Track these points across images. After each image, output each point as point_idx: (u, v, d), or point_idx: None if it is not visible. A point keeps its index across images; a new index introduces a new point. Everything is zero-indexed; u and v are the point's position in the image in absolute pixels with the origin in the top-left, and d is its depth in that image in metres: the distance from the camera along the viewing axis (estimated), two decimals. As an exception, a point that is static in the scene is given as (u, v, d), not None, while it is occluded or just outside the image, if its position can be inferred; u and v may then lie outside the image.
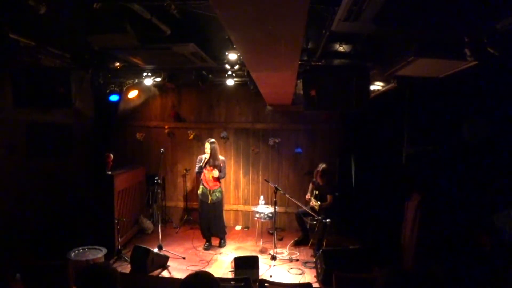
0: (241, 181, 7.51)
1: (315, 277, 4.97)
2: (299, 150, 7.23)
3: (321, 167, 6.06)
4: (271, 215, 5.96)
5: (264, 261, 5.40)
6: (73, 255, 4.74)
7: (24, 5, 2.85)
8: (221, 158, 6.06)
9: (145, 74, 5.91)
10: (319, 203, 5.90)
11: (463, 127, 4.38)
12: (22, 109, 4.87)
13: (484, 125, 4.14)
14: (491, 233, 3.82)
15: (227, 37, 3.63)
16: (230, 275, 4.88)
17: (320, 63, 4.48)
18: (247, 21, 2.42)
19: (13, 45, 3.84)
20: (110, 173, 5.79)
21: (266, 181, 6.48)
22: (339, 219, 6.27)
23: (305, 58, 4.42)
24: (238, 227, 7.41)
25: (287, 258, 5.68)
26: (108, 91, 6.35)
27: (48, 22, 3.49)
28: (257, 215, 6.13)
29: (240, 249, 6.16)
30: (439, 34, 2.97)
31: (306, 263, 5.47)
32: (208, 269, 5.07)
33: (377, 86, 5.15)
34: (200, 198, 6.05)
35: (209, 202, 5.93)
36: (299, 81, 4.71)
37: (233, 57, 4.64)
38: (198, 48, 4.18)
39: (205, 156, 5.90)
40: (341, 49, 4.26)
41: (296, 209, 6.50)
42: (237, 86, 6.55)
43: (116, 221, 5.43)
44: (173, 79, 6.17)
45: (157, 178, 6.02)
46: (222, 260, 5.63)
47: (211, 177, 5.90)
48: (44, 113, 5.52)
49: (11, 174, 4.95)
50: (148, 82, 6.09)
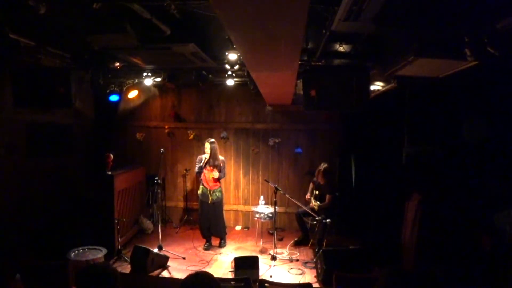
0: (241, 181, 7.51)
1: (315, 277, 4.97)
2: (299, 150, 7.23)
3: (322, 166, 6.06)
4: (271, 215, 5.96)
5: (264, 261, 5.40)
6: (73, 255, 4.74)
7: (24, 5, 2.85)
8: (221, 158, 6.05)
9: (145, 74, 5.91)
10: (318, 203, 5.90)
11: (463, 127, 4.37)
12: (22, 109, 4.88)
13: (484, 125, 4.14)
14: (491, 233, 3.82)
15: (227, 37, 3.62)
16: (230, 275, 4.88)
17: (320, 63, 4.48)
18: (247, 21, 2.42)
19: (13, 45, 3.85)
20: (110, 173, 5.79)
21: (266, 181, 6.48)
22: (339, 219, 6.27)
23: (305, 58, 4.42)
24: (238, 227, 7.41)
25: (287, 258, 5.68)
26: (108, 91, 6.35)
27: (48, 22, 3.49)
28: (257, 215, 6.12)
29: (240, 249, 6.16)
30: (439, 34, 2.97)
31: (306, 263, 5.47)
32: (208, 269, 5.07)
33: (377, 86, 5.15)
34: (200, 198, 6.04)
35: (209, 202, 5.92)
36: (299, 81, 4.71)
37: (233, 57, 4.64)
38: (198, 48, 4.18)
39: (205, 156, 5.90)
40: (341, 49, 4.26)
41: (296, 209, 6.50)
42: (237, 86, 6.55)
43: (116, 221, 5.43)
44: (173, 79, 6.16)
45: (157, 178, 6.01)
46: (222, 260, 5.63)
47: (211, 177, 5.90)
48: (44, 113, 5.53)
49: (11, 174, 4.95)
50: (148, 82, 6.10)
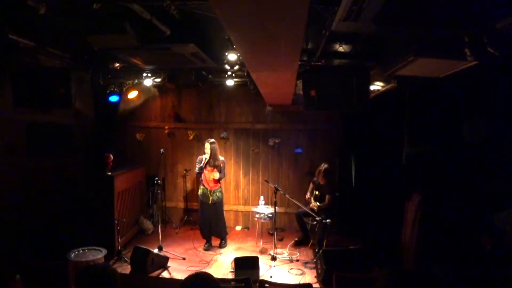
0: (241, 182, 7.51)
1: (316, 277, 4.96)
2: (299, 150, 7.23)
3: (323, 167, 6.04)
4: (271, 215, 5.96)
5: (264, 262, 5.40)
6: (73, 255, 4.73)
7: (23, 5, 2.85)
8: (221, 158, 6.05)
9: (145, 74, 5.91)
10: (318, 204, 5.89)
11: (463, 127, 4.38)
12: (22, 109, 4.87)
13: (484, 125, 4.14)
14: (491, 233, 3.82)
15: (227, 37, 3.62)
16: (230, 276, 4.88)
17: (320, 63, 4.47)
18: (247, 21, 2.42)
19: (13, 45, 3.85)
20: (110, 174, 5.79)
21: (266, 181, 6.48)
22: (339, 219, 6.27)
23: (305, 58, 4.41)
24: (238, 228, 7.41)
25: (287, 258, 5.68)
26: (108, 92, 6.34)
27: (48, 22, 3.48)
28: (257, 216, 6.12)
29: (240, 249, 6.16)
30: (439, 34, 2.96)
31: (306, 263, 5.47)
32: (208, 270, 5.08)
33: (377, 86, 5.15)
34: (200, 198, 6.04)
35: (209, 202, 5.92)
36: (299, 81, 4.71)
37: (233, 57, 4.64)
38: (198, 48, 4.18)
39: (205, 156, 5.90)
40: (341, 49, 4.26)
41: (296, 209, 6.49)
42: (237, 86, 6.54)
43: (116, 222, 5.42)
44: (173, 79, 6.16)
45: (157, 178, 6.01)
46: (222, 260, 5.63)
47: (212, 178, 5.90)
48: (44, 113, 5.51)
49: (11, 174, 4.94)
50: (148, 82, 6.09)
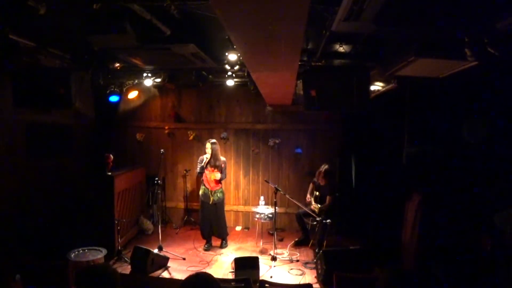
0: (241, 182, 7.51)
1: (316, 277, 4.96)
2: (299, 150, 7.22)
3: (323, 167, 6.02)
4: (271, 215, 5.96)
5: (264, 262, 5.40)
6: (73, 255, 4.73)
7: (24, 6, 2.84)
8: (222, 158, 6.05)
9: (145, 74, 5.91)
10: (319, 206, 5.88)
11: (463, 127, 4.38)
12: (22, 110, 4.87)
13: (484, 125, 4.14)
14: (491, 234, 3.82)
15: (227, 37, 3.62)
16: (230, 276, 4.87)
17: (320, 63, 4.47)
18: (247, 21, 2.42)
19: (13, 45, 3.84)
20: (110, 174, 5.79)
21: (266, 181, 6.47)
22: (340, 219, 6.27)
23: (305, 58, 4.41)
24: (238, 228, 7.41)
25: (287, 258, 5.68)
26: (108, 92, 6.34)
27: (48, 22, 3.48)
28: (257, 216, 6.12)
29: (240, 249, 6.15)
30: (440, 34, 2.96)
31: (306, 263, 5.47)
32: (208, 270, 5.08)
33: (377, 86, 5.15)
34: (201, 198, 6.04)
35: (210, 202, 5.92)
36: (299, 82, 4.71)
37: (233, 57, 4.63)
38: (198, 48, 4.18)
39: (206, 156, 5.90)
40: (341, 49, 4.26)
41: (296, 209, 6.49)
42: (237, 86, 6.54)
43: (116, 222, 5.42)
44: (173, 79, 6.16)
45: (157, 178, 6.01)
46: (222, 260, 5.63)
47: (213, 178, 5.90)
48: (44, 113, 5.52)
49: (11, 174, 4.94)
50: (148, 82, 6.09)
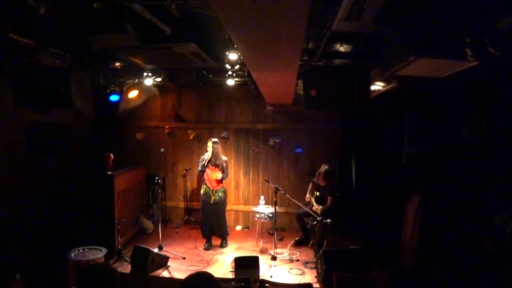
0: (242, 181, 7.50)
1: (316, 277, 4.96)
2: (299, 150, 7.22)
3: (323, 168, 5.99)
4: (271, 215, 5.95)
5: (264, 261, 5.39)
6: (73, 255, 4.73)
7: (24, 5, 2.84)
8: (224, 158, 6.06)
9: (145, 74, 5.91)
10: (320, 207, 5.85)
11: (463, 127, 4.38)
12: (22, 109, 4.87)
13: (484, 125, 4.14)
14: (491, 233, 3.82)
15: (227, 37, 3.62)
16: (230, 275, 4.87)
17: (320, 63, 4.47)
18: (248, 21, 2.41)
19: (13, 45, 3.84)
20: (110, 173, 5.79)
21: (266, 181, 6.47)
22: (340, 219, 6.26)
23: (306, 58, 4.42)
24: (238, 227, 7.41)
25: (287, 258, 5.67)
26: (108, 91, 6.35)
27: (48, 22, 3.48)
28: (258, 215, 6.12)
29: (240, 249, 6.15)
30: (440, 34, 2.96)
31: (306, 263, 5.46)
32: (208, 269, 5.08)
33: (377, 86, 5.14)
34: (202, 198, 6.04)
35: (211, 202, 5.93)
36: (299, 81, 4.71)
37: (233, 57, 4.63)
38: (198, 48, 4.18)
39: (207, 154, 5.91)
40: (342, 49, 4.26)
41: (296, 209, 6.49)
42: (238, 86, 6.54)
43: (116, 221, 5.42)
44: (173, 79, 6.16)
45: (157, 178, 6.01)
46: (222, 260, 5.63)
47: (214, 177, 5.91)
48: (44, 113, 5.52)
49: (11, 174, 4.94)
50: (148, 82, 6.09)
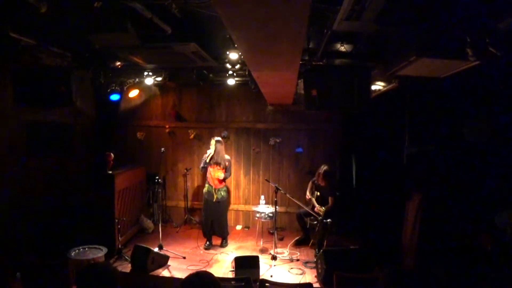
0: (242, 181, 7.50)
1: (316, 277, 4.96)
2: (299, 150, 7.21)
3: (322, 169, 5.98)
4: (271, 215, 5.96)
5: (264, 261, 5.40)
6: (73, 254, 4.74)
7: (24, 4, 2.84)
8: (227, 157, 6.08)
9: (146, 73, 5.91)
10: (323, 208, 5.81)
11: (464, 127, 4.37)
12: (22, 108, 4.88)
13: (485, 125, 4.14)
14: (492, 233, 3.82)
15: (228, 36, 3.62)
16: (230, 275, 4.88)
17: (321, 63, 4.47)
18: (249, 20, 2.41)
19: (14, 44, 3.85)
20: (110, 172, 5.79)
21: (266, 180, 6.47)
22: (340, 219, 6.26)
23: (306, 57, 4.41)
24: (238, 227, 7.41)
25: (287, 258, 5.68)
26: (109, 90, 6.34)
27: (49, 21, 3.48)
28: (258, 215, 6.12)
29: (240, 248, 6.16)
30: (441, 33, 2.96)
31: (306, 263, 5.46)
32: (208, 269, 5.08)
33: (378, 86, 5.14)
34: (204, 196, 6.07)
35: (214, 200, 5.95)
36: (300, 81, 4.71)
37: (234, 56, 4.63)
38: (199, 47, 4.17)
39: (209, 151, 5.92)
40: (343, 48, 4.25)
41: (297, 209, 6.49)
42: (238, 85, 6.54)
43: (116, 221, 5.42)
44: (174, 78, 6.16)
45: (157, 177, 6.02)
46: (222, 259, 5.63)
47: (216, 176, 5.93)
48: (44, 112, 5.52)
49: (12, 172, 4.94)
50: (149, 81, 6.09)
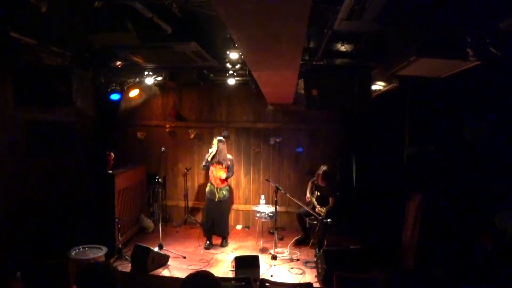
0: (242, 181, 7.50)
1: (316, 277, 4.96)
2: (300, 149, 7.22)
3: (322, 169, 5.94)
4: (271, 214, 5.96)
5: (264, 261, 5.40)
6: (73, 253, 4.74)
7: (25, 3, 2.84)
8: (229, 157, 6.11)
9: (146, 73, 5.90)
10: (324, 209, 5.79)
11: (464, 127, 4.37)
12: (23, 108, 4.88)
13: (485, 125, 4.14)
14: (492, 233, 3.82)
15: (228, 36, 3.62)
16: (230, 275, 4.87)
17: (321, 63, 4.47)
18: (249, 20, 2.41)
19: (14, 43, 3.85)
20: (111, 172, 5.79)
21: (267, 180, 6.47)
22: (340, 219, 6.26)
23: (307, 57, 4.41)
24: (238, 227, 7.41)
25: (287, 257, 5.68)
26: (109, 90, 6.34)
27: (49, 20, 3.48)
28: (258, 215, 6.12)
29: (240, 248, 6.16)
30: (442, 33, 2.96)
31: (306, 263, 5.47)
32: (208, 269, 5.08)
33: (378, 86, 5.14)
34: (207, 195, 6.09)
35: (216, 199, 5.97)
36: (300, 81, 4.71)
37: (234, 56, 4.62)
38: (199, 47, 4.17)
39: (211, 150, 5.94)
40: (343, 48, 4.25)
41: (297, 209, 6.48)
42: (239, 85, 6.53)
43: (116, 220, 5.43)
44: (174, 78, 6.16)
45: (158, 177, 6.01)
46: (222, 259, 5.63)
47: (218, 175, 5.95)
48: (45, 111, 5.52)
49: (12, 172, 4.94)
50: (149, 81, 6.09)
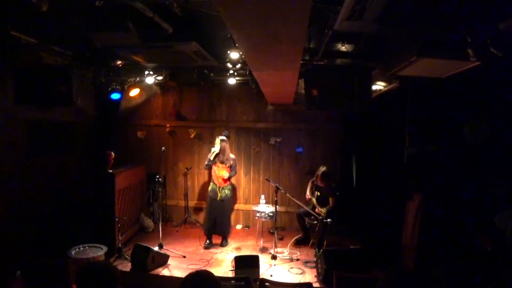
0: (242, 180, 7.50)
1: (316, 276, 4.96)
2: (300, 149, 7.22)
3: (321, 170, 5.95)
4: (271, 214, 5.96)
5: (264, 261, 5.40)
6: (73, 253, 4.75)
7: (26, 3, 2.84)
8: (232, 156, 6.13)
9: (146, 72, 5.91)
10: (324, 210, 5.78)
11: (464, 127, 4.37)
12: (23, 107, 4.88)
13: (485, 126, 4.14)
14: (492, 234, 3.82)
15: (229, 35, 3.62)
16: (230, 274, 4.88)
17: (322, 63, 4.47)
18: (250, 20, 2.41)
19: (14, 42, 3.85)
20: (111, 172, 5.79)
21: (267, 180, 6.47)
22: (340, 219, 6.26)
23: (307, 57, 4.41)
24: (238, 226, 7.41)
25: (287, 257, 5.68)
26: (109, 90, 6.34)
27: (50, 19, 3.48)
28: (258, 215, 6.12)
29: (240, 248, 6.16)
30: (442, 34, 2.95)
31: (306, 262, 5.47)
32: (208, 268, 5.08)
33: (379, 86, 5.13)
34: (209, 194, 6.12)
35: (218, 199, 5.98)
36: (300, 81, 4.71)
37: (235, 56, 4.63)
38: (200, 46, 4.17)
39: (213, 149, 5.95)
40: (343, 48, 4.25)
41: (297, 208, 6.48)
42: (239, 85, 6.54)
43: (116, 219, 5.43)
44: (175, 77, 6.16)
45: (158, 176, 6.02)
46: (222, 259, 5.63)
47: (221, 174, 5.97)
48: (45, 111, 5.52)
49: (12, 172, 4.95)
50: (149, 80, 6.09)
